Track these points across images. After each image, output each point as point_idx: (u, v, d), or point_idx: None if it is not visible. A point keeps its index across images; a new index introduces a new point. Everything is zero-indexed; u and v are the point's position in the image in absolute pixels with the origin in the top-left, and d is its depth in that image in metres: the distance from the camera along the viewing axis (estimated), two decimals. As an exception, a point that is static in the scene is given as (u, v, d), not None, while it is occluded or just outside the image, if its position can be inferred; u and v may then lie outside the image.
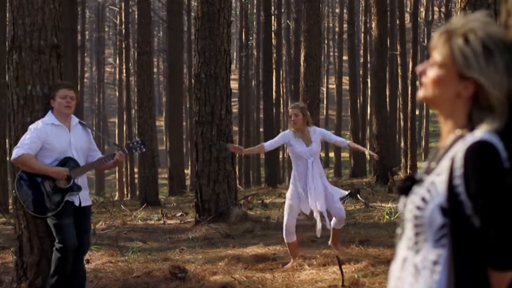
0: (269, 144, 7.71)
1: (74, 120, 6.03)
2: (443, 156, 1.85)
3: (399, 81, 28.20)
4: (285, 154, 39.86)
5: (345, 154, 40.38)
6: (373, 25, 23.21)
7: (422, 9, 47.27)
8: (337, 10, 52.09)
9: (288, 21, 38.33)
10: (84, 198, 5.97)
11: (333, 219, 7.93)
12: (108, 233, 10.95)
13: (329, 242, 8.18)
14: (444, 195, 1.80)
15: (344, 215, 7.97)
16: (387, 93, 24.39)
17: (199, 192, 11.23)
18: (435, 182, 1.83)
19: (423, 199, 1.84)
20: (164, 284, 6.85)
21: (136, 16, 23.93)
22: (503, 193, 1.75)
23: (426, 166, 1.93)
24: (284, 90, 41.33)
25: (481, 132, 1.79)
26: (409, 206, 1.88)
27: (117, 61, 47.52)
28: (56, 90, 5.92)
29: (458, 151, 1.80)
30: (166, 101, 35.74)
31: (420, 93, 1.93)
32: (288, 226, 7.66)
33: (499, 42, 1.83)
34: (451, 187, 1.79)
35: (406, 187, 1.90)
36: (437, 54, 1.89)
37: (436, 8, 52.75)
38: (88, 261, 8.00)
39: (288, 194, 7.72)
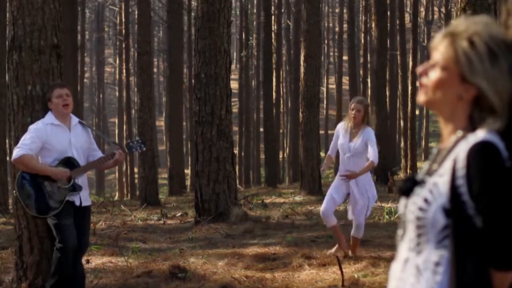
0: (331, 150, 7.74)
1: (74, 119, 6.03)
2: (446, 158, 1.85)
3: (399, 81, 28.20)
4: (285, 154, 39.85)
5: (345, 154, 40.32)
6: (373, 25, 23.22)
7: (422, 9, 47.27)
8: (337, 10, 52.10)
9: (288, 21, 38.33)
10: (84, 198, 5.97)
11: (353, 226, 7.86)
12: (108, 233, 10.95)
13: (350, 252, 7.89)
14: (447, 196, 1.80)
15: (361, 221, 7.71)
16: (387, 93, 24.39)
17: (199, 192, 11.22)
18: (438, 183, 1.83)
19: (426, 200, 1.83)
20: (164, 284, 6.85)
21: (136, 16, 23.92)
22: (505, 193, 1.75)
23: (427, 167, 1.93)
24: (284, 90, 41.32)
25: (483, 133, 1.79)
26: (411, 207, 1.88)
27: (117, 61, 47.53)
28: (51, 92, 5.93)
29: (460, 151, 1.80)
30: (166, 101, 35.73)
31: (421, 98, 1.92)
32: (323, 212, 7.65)
33: (502, 45, 1.82)
34: (453, 187, 1.79)
35: (407, 188, 1.90)
36: (439, 56, 1.89)
37: (436, 8, 52.76)
38: (88, 261, 8.00)
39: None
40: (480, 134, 1.79)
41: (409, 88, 26.07)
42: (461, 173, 1.78)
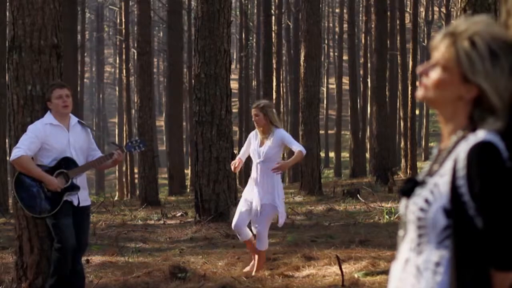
0: (242, 154, 7.34)
1: (73, 119, 6.03)
2: (446, 158, 1.85)
3: (399, 81, 28.20)
4: (285, 154, 39.87)
5: (345, 154, 40.38)
6: (373, 25, 23.22)
7: (422, 9, 47.26)
8: (337, 10, 52.10)
9: (288, 21, 38.33)
10: (83, 198, 5.97)
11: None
12: (108, 233, 10.95)
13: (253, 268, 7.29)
14: (448, 196, 1.80)
15: (261, 230, 7.14)
16: (387, 93, 24.39)
17: (199, 192, 11.22)
18: (438, 184, 1.83)
19: (426, 201, 1.83)
20: (164, 284, 6.85)
21: (136, 16, 23.93)
22: (506, 194, 1.75)
23: (428, 167, 1.92)
24: (284, 90, 41.31)
25: (483, 133, 1.79)
26: (412, 208, 1.87)
27: (117, 61, 47.51)
28: (51, 92, 5.92)
29: (461, 152, 1.80)
30: (166, 101, 35.74)
31: (419, 93, 1.92)
32: (235, 224, 7.19)
33: (503, 45, 1.82)
34: (454, 188, 1.79)
35: (407, 189, 1.90)
36: (440, 56, 1.88)
37: (436, 8, 52.75)
38: (88, 261, 8.00)
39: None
40: (480, 134, 1.79)
41: (409, 88, 26.06)
42: (462, 173, 1.78)
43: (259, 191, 7.07)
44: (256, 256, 7.29)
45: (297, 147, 7.02)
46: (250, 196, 7.18)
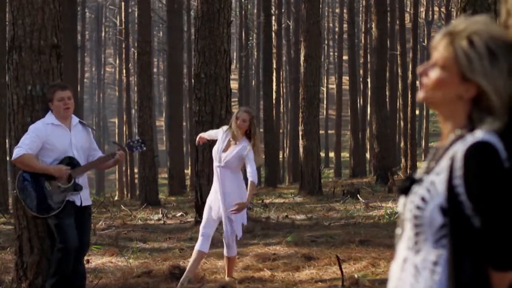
0: (208, 135, 6.95)
1: (75, 119, 6.04)
2: (442, 156, 1.85)
3: (399, 81, 28.20)
4: (285, 154, 39.87)
5: (345, 154, 40.39)
6: (373, 25, 23.24)
7: (422, 9, 47.26)
8: (337, 10, 52.09)
9: (288, 21, 38.34)
10: (84, 197, 5.98)
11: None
12: (108, 233, 10.95)
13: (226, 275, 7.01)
14: (444, 195, 1.80)
15: (230, 240, 6.80)
16: (387, 93, 24.40)
17: (199, 192, 11.22)
18: (435, 182, 1.83)
19: (423, 199, 1.84)
20: (164, 284, 6.85)
21: (136, 16, 23.94)
22: (503, 193, 1.75)
23: (425, 165, 1.93)
24: (284, 90, 41.32)
25: (481, 133, 1.79)
26: (408, 206, 1.88)
27: (117, 61, 47.53)
28: (52, 94, 5.91)
29: (458, 151, 1.80)
30: (166, 101, 35.76)
31: (420, 95, 1.93)
32: (202, 231, 6.86)
33: (502, 45, 1.83)
34: (451, 187, 1.79)
35: (405, 187, 1.90)
36: (439, 55, 1.89)
37: (436, 8, 52.77)
38: (88, 261, 8.00)
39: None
40: (478, 134, 1.79)
41: (409, 88, 26.07)
42: (459, 173, 1.78)
43: (223, 197, 6.67)
44: (226, 261, 7.00)
45: (251, 175, 6.60)
46: (215, 204, 6.78)
